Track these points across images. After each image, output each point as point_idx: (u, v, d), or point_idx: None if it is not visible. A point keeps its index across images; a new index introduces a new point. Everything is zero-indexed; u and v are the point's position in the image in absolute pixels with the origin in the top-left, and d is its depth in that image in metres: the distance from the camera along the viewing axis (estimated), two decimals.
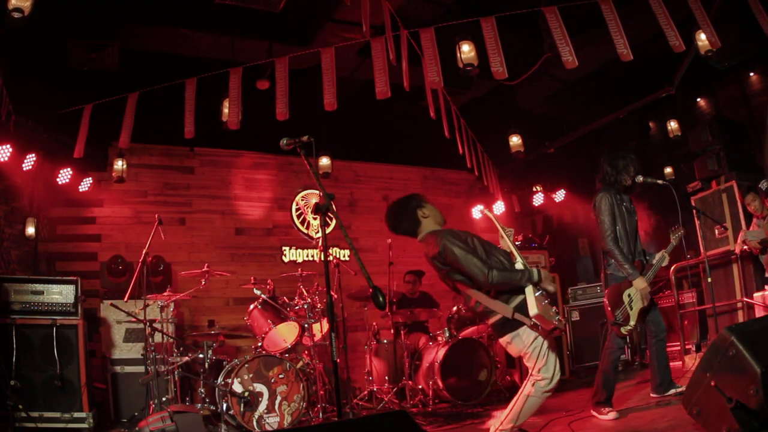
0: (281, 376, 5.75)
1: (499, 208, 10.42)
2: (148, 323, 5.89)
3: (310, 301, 6.46)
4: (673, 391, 4.89)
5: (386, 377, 7.17)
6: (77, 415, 5.53)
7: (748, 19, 5.90)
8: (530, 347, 3.85)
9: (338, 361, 3.27)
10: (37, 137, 6.74)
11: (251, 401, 5.53)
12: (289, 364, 5.84)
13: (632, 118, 9.18)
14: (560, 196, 10.21)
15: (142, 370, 6.30)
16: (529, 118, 9.47)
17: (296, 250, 9.24)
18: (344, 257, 9.01)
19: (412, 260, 8.79)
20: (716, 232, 7.80)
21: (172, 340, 6.30)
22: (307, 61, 6.54)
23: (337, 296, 6.83)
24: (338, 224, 3.39)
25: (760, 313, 6.69)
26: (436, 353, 6.83)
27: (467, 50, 5.90)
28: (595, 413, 4.79)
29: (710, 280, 5.98)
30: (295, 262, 9.08)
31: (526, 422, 3.93)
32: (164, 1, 6.62)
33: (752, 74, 8.82)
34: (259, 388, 5.63)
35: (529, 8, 5.96)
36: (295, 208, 9.39)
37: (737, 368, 3.03)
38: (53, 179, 7.26)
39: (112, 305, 6.07)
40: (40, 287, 5.77)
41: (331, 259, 7.10)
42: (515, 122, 8.64)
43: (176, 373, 6.04)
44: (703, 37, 5.89)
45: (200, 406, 5.71)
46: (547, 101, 9.62)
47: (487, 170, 8.96)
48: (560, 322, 3.90)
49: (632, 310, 4.74)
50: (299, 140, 3.51)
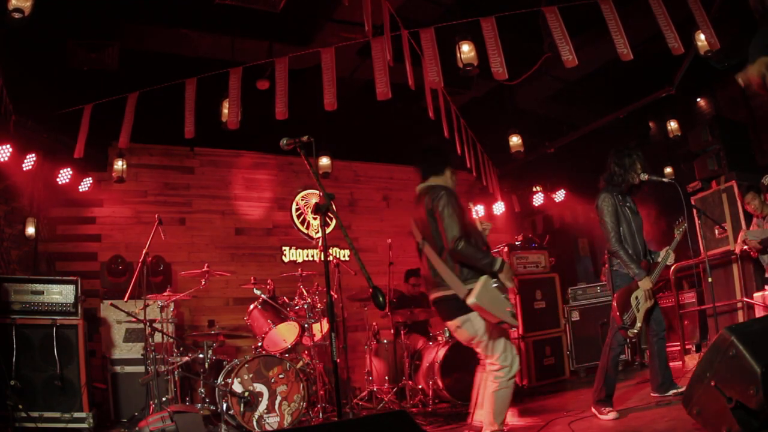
0: (281, 376, 5.75)
1: (499, 208, 10.43)
2: (148, 323, 5.90)
3: (310, 301, 6.46)
4: (673, 391, 4.89)
5: (386, 377, 7.18)
6: (77, 415, 5.53)
7: (748, 19, 5.91)
8: (484, 335, 3.81)
9: (338, 361, 3.28)
10: (37, 137, 6.74)
11: (251, 401, 5.54)
12: (289, 364, 5.84)
13: (632, 118, 9.17)
14: (560, 196, 10.21)
15: (142, 370, 6.30)
16: (529, 118, 9.47)
17: (296, 250, 9.23)
18: (344, 257, 9.01)
19: (412, 260, 8.77)
20: (716, 232, 7.78)
21: (172, 340, 6.30)
22: (307, 61, 6.55)
23: (337, 296, 6.83)
24: (338, 224, 3.40)
25: (760, 313, 6.68)
26: (436, 353, 6.83)
27: (467, 50, 5.92)
28: (595, 413, 4.79)
29: (710, 280, 5.97)
30: (295, 262, 9.07)
31: (526, 423, 3.92)
32: (164, 1, 6.63)
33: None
34: (259, 388, 5.63)
35: (529, 8, 5.97)
36: (295, 208, 9.39)
37: (737, 368, 3.04)
38: (53, 179, 7.26)
39: (112, 305, 6.07)
40: (40, 287, 5.76)
41: (331, 259, 7.10)
42: (515, 122, 8.65)
43: (176, 373, 6.04)
44: (702, 37, 5.91)
45: (200, 406, 5.71)
46: (547, 101, 9.63)
47: (486, 170, 8.97)
48: (513, 317, 3.86)
49: (639, 312, 4.75)
50: (299, 140, 3.53)
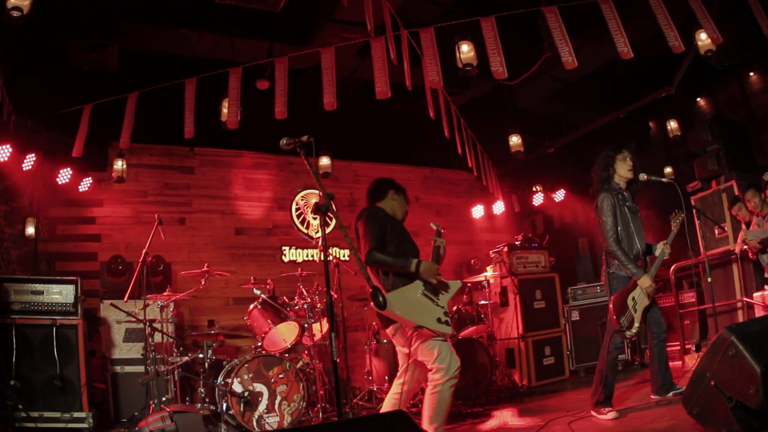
0: (281, 375, 5.75)
1: (499, 207, 10.43)
2: (147, 323, 5.90)
3: (309, 300, 6.48)
4: (672, 392, 4.87)
5: (386, 377, 7.13)
6: (77, 415, 5.52)
7: (748, 18, 5.90)
8: (415, 340, 3.77)
9: (338, 360, 3.28)
10: (37, 137, 6.73)
11: (251, 401, 5.54)
12: (288, 364, 5.85)
13: (632, 117, 9.16)
14: (560, 196, 10.21)
15: (142, 370, 6.29)
16: (528, 117, 9.47)
17: (296, 250, 9.22)
18: (344, 257, 9.00)
19: None
20: (716, 231, 7.79)
21: (171, 340, 6.30)
22: (306, 60, 6.55)
23: (336, 296, 6.82)
24: (338, 224, 3.39)
25: (759, 313, 6.69)
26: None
27: (466, 50, 5.92)
28: (594, 413, 4.79)
29: (710, 279, 5.99)
30: (294, 262, 9.06)
31: (526, 423, 3.89)
32: (164, 1, 6.63)
33: (752, 74, 8.82)
34: (258, 387, 5.64)
35: (528, 8, 5.97)
36: (295, 208, 9.38)
37: (737, 368, 3.04)
38: (53, 179, 7.25)
39: (111, 305, 6.07)
40: (40, 287, 5.76)
41: (330, 258, 7.10)
42: (515, 122, 8.64)
43: (176, 372, 6.04)
44: (703, 36, 5.88)
45: (200, 406, 5.72)
46: (547, 101, 9.63)
47: (486, 170, 8.96)
48: (439, 323, 3.74)
49: (636, 312, 4.73)
50: (299, 140, 3.52)
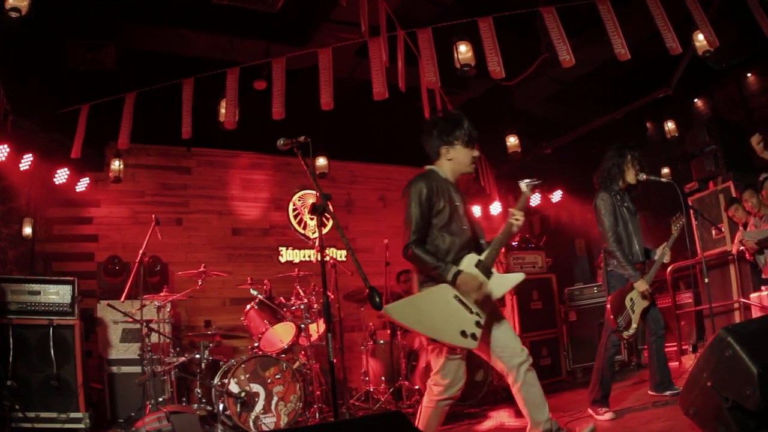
0: (278, 376, 5.75)
1: (496, 208, 10.42)
2: (144, 323, 5.89)
3: (306, 301, 6.47)
4: (670, 392, 4.88)
5: (383, 378, 7.13)
6: (74, 415, 5.50)
7: (746, 20, 5.91)
8: (430, 345, 3.56)
9: (335, 361, 3.26)
10: (34, 137, 6.74)
11: (248, 401, 5.53)
12: (285, 364, 5.84)
13: (630, 118, 9.16)
14: (557, 196, 10.20)
15: (138, 370, 6.27)
16: (526, 118, 9.47)
17: (293, 250, 9.21)
18: (341, 258, 9.00)
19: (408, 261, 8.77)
20: (713, 232, 7.78)
21: (168, 340, 6.28)
22: (304, 61, 6.55)
23: (333, 297, 6.82)
24: (335, 225, 3.36)
25: (756, 313, 6.69)
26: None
27: (464, 50, 5.91)
28: (591, 413, 4.79)
29: (707, 280, 5.95)
30: (291, 262, 9.03)
31: (523, 424, 3.85)
32: (162, 1, 6.62)
33: (750, 75, 8.83)
34: (255, 388, 5.63)
35: (526, 8, 5.97)
36: (292, 208, 9.37)
37: (734, 369, 3.03)
38: (50, 179, 7.24)
39: (108, 305, 6.08)
40: (36, 287, 5.73)
41: (327, 259, 7.09)
42: (512, 122, 8.64)
43: (173, 373, 6.03)
44: (701, 37, 5.89)
45: (197, 406, 5.71)
46: (544, 101, 9.64)
47: (484, 170, 8.96)
48: (467, 340, 3.41)
49: (634, 313, 4.73)
50: (296, 140, 3.49)
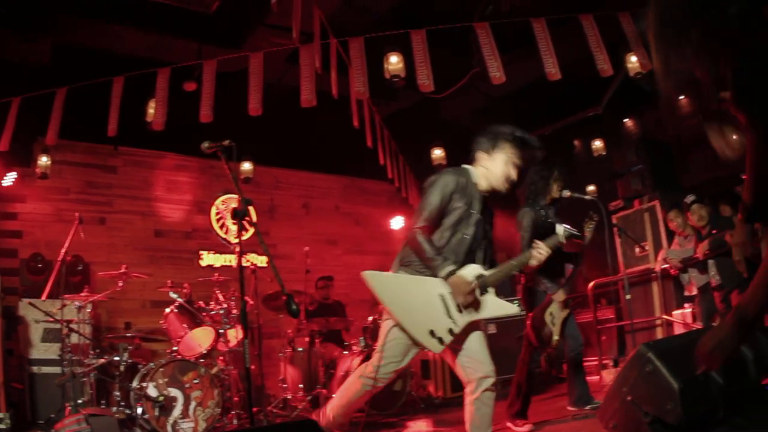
0: (196, 381, 5.70)
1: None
2: (65, 323, 5.80)
3: (226, 306, 6.43)
4: (590, 406, 4.92)
5: (301, 385, 7.10)
6: None
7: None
8: (385, 336, 3.62)
9: (252, 367, 3.27)
10: None
11: (166, 406, 5.49)
12: (204, 369, 5.78)
13: (558, 135, 9.32)
14: None
15: (59, 371, 6.17)
16: (454, 130, 9.56)
17: (214, 254, 9.18)
18: (262, 263, 8.95)
19: (329, 268, 8.92)
20: (636, 250, 8.02)
21: (88, 341, 6.20)
22: (236, 64, 6.51)
23: (253, 302, 6.83)
24: (256, 230, 3.41)
25: (679, 330, 6.85)
26: (351, 362, 6.81)
27: (395, 61, 5.85)
28: (510, 425, 4.79)
29: (629, 296, 5.98)
30: (212, 266, 8.99)
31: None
32: None
33: (681, 97, 9.21)
34: (173, 392, 5.58)
35: (460, 23, 6.01)
36: (215, 212, 9.32)
37: (654, 384, 3.06)
38: None
39: (30, 304, 5.96)
40: None
41: (248, 264, 7.07)
42: (440, 135, 8.73)
43: (92, 375, 5.96)
44: (633, 59, 5.99)
45: (115, 409, 5.64)
46: (473, 114, 9.76)
47: (407, 181, 9.02)
48: (432, 341, 3.49)
49: (555, 326, 4.74)
50: (220, 144, 3.49)
